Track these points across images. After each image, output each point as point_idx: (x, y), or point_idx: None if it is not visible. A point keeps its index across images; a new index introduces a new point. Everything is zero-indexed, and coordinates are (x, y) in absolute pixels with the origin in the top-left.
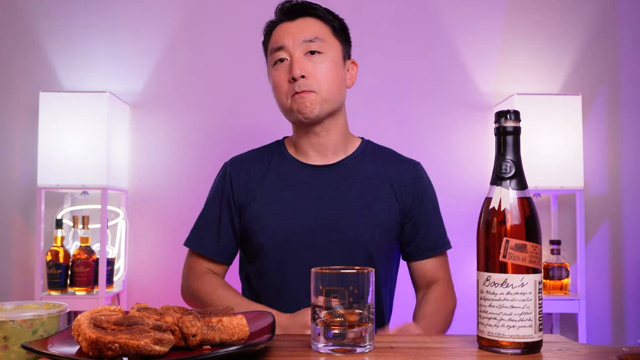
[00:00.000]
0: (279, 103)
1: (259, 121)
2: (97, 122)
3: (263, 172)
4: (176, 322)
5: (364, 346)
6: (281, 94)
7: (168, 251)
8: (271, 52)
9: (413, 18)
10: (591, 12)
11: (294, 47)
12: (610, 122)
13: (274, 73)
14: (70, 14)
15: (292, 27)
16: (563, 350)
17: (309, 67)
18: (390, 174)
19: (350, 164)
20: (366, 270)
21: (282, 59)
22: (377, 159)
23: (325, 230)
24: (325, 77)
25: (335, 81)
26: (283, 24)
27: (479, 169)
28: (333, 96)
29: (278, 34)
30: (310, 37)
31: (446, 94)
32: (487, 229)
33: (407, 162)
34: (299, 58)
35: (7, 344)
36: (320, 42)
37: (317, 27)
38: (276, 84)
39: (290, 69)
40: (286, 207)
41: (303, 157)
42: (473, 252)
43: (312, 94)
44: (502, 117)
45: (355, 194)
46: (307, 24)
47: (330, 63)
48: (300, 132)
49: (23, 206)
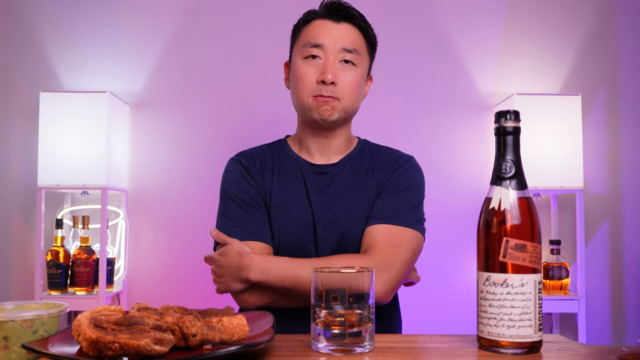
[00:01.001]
0: (296, 96)
1: (259, 121)
2: (97, 122)
3: (271, 166)
4: (176, 322)
5: (363, 346)
6: (303, 90)
7: (168, 251)
8: (305, 44)
9: (413, 18)
10: (591, 13)
11: (333, 51)
12: (610, 122)
13: (303, 67)
14: (70, 14)
15: (336, 30)
16: (563, 350)
17: (341, 76)
18: (377, 167)
19: (349, 162)
20: (366, 270)
21: (315, 56)
22: (371, 156)
23: (325, 225)
24: (352, 89)
25: (358, 94)
26: (325, 22)
27: (479, 169)
28: (353, 107)
29: (318, 30)
30: (350, 48)
31: (446, 94)
32: (487, 229)
33: (397, 156)
34: (334, 64)
35: (7, 343)
36: (356, 55)
37: (357, 39)
38: (301, 79)
39: (323, 71)
40: (293, 200)
41: (306, 155)
42: (473, 252)
43: (336, 100)
44: (502, 117)
45: (351, 189)
46: (350, 32)
47: (358, 76)
48: (309, 130)
49: (23, 206)
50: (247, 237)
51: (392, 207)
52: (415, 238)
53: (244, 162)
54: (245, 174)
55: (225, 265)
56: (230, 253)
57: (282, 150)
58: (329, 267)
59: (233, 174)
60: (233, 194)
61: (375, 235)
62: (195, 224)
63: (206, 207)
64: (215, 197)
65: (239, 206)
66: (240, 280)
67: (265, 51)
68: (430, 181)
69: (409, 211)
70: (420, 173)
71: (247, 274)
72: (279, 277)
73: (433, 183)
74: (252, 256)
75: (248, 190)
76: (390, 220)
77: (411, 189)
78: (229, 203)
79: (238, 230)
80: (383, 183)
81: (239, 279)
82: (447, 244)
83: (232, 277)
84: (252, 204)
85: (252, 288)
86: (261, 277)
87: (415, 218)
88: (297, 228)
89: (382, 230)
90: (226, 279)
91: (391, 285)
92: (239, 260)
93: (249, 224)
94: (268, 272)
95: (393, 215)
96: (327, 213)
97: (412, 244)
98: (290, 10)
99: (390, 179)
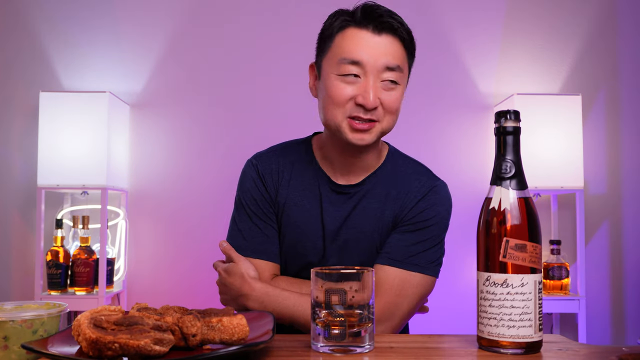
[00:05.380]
0: (327, 114)
1: (260, 121)
2: (97, 122)
3: (288, 176)
4: (176, 322)
5: (363, 346)
6: (337, 110)
7: (168, 251)
8: (341, 60)
9: (413, 18)
10: (591, 13)
11: (374, 70)
12: (610, 122)
13: (338, 85)
14: (70, 14)
15: (377, 45)
16: (563, 350)
17: (382, 96)
18: (400, 194)
19: (372, 185)
20: (366, 270)
21: (354, 74)
22: (396, 177)
23: (336, 251)
24: (393, 109)
25: (398, 114)
26: (364, 33)
27: (479, 169)
28: (391, 127)
29: (357, 44)
30: (393, 65)
31: (446, 94)
32: (487, 229)
33: (423, 183)
34: (376, 85)
35: (7, 344)
36: (399, 73)
37: (400, 54)
38: (335, 97)
39: (364, 94)
40: (305, 223)
41: (328, 169)
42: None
43: (374, 123)
44: (502, 117)
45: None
46: (392, 46)
47: (400, 95)
48: (336, 147)
49: (23, 206)
50: (254, 254)
51: (407, 247)
52: (425, 284)
53: (260, 169)
54: (260, 183)
55: (228, 286)
56: (234, 274)
57: (304, 157)
58: (329, 267)
59: (249, 180)
60: (246, 204)
61: (383, 279)
62: (195, 224)
63: (206, 206)
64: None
65: (250, 218)
66: (239, 305)
67: (266, 51)
68: None
69: (424, 252)
70: (447, 207)
71: (246, 302)
72: (277, 311)
73: None
74: (252, 285)
75: (261, 203)
76: (402, 264)
77: (432, 227)
78: (241, 212)
79: (247, 244)
80: (402, 216)
81: (237, 304)
82: (447, 244)
83: (232, 298)
84: (263, 217)
85: None
86: (259, 308)
87: (430, 260)
88: (306, 251)
89: (391, 275)
90: (227, 298)
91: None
92: (241, 285)
93: (257, 240)
94: (266, 306)
95: (406, 259)
96: (339, 240)
97: (420, 290)
98: (291, 11)
99: (410, 213)
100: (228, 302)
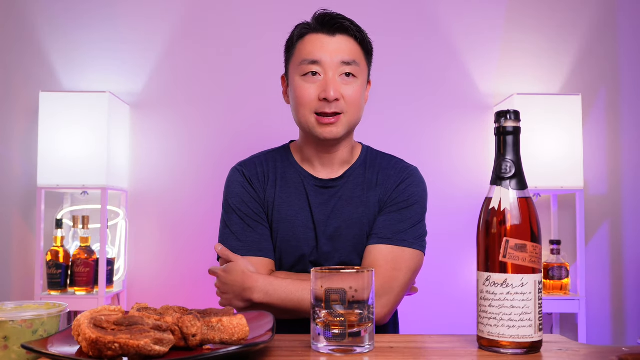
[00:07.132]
0: (297, 114)
1: (260, 121)
2: (97, 122)
3: (273, 177)
4: (176, 322)
5: (363, 346)
6: (304, 108)
7: (168, 251)
8: (302, 61)
9: (413, 18)
10: (591, 13)
11: (332, 66)
12: (610, 122)
13: (302, 85)
14: (70, 14)
15: (331, 44)
16: (563, 350)
17: (343, 90)
18: (380, 181)
19: (352, 176)
20: (366, 270)
21: (315, 73)
22: (374, 168)
23: (328, 240)
24: (355, 101)
25: (361, 105)
26: (320, 36)
27: (479, 169)
28: (356, 119)
29: (314, 46)
30: (349, 60)
31: (446, 94)
32: (487, 229)
33: (400, 169)
34: (335, 79)
35: (7, 344)
36: (355, 66)
37: (355, 49)
38: (301, 97)
39: (325, 88)
40: (295, 215)
41: (309, 167)
42: (473, 252)
43: (339, 116)
44: (502, 117)
45: (354, 205)
46: (346, 44)
47: (360, 87)
48: (311, 145)
49: (23, 206)
50: (250, 253)
51: (393, 225)
52: (415, 258)
53: (246, 173)
54: (248, 186)
55: (229, 284)
56: (234, 272)
57: (286, 160)
58: (329, 267)
59: (236, 185)
60: (236, 207)
61: (376, 256)
62: (195, 224)
63: (206, 206)
64: (215, 197)
65: (242, 220)
66: (244, 300)
67: (265, 51)
68: (430, 181)
69: (410, 229)
70: (423, 187)
71: (251, 295)
72: (282, 300)
73: (433, 183)
74: (255, 278)
75: (251, 204)
76: (392, 241)
77: (413, 206)
78: (231, 215)
79: (241, 244)
80: (385, 199)
81: (242, 299)
82: (447, 244)
83: (235, 295)
84: (254, 217)
85: (254, 305)
86: (264, 299)
87: (416, 236)
88: (299, 243)
89: (383, 252)
90: (229, 297)
91: (390, 308)
92: (243, 280)
93: (251, 239)
94: (271, 295)
95: (394, 235)
96: (330, 228)
97: (412, 264)
98: (288, 12)
99: (393, 194)
100: (230, 301)
